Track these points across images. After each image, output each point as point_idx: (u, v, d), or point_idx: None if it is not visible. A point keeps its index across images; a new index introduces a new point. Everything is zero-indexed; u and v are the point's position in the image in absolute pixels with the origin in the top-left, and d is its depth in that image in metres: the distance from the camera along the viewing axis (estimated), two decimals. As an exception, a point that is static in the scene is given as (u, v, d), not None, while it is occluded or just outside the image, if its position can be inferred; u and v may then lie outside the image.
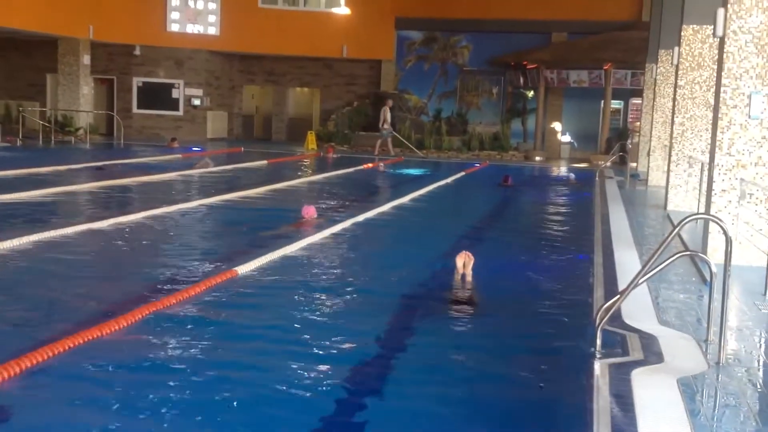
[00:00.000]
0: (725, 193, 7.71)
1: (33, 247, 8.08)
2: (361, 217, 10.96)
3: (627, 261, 7.98)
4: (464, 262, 7.60)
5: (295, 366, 4.84)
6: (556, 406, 4.53)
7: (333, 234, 9.61)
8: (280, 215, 11.12)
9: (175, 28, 27.40)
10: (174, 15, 27.35)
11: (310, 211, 10.62)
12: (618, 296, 5.09)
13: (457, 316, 6.34)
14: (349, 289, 6.99)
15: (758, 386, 4.48)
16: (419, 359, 5.28)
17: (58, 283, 6.90)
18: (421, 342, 5.68)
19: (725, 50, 7.57)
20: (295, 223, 10.39)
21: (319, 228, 9.83)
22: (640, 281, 5.03)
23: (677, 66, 12.75)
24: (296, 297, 6.57)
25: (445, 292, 7.15)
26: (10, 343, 4.97)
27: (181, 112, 28.14)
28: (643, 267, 5.05)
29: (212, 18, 27.63)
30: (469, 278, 7.43)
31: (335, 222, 10.41)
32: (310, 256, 8.29)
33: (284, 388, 4.52)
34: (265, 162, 20.09)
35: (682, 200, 12.61)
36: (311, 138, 25.96)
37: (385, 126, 24.87)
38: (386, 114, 24.83)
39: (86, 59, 26.09)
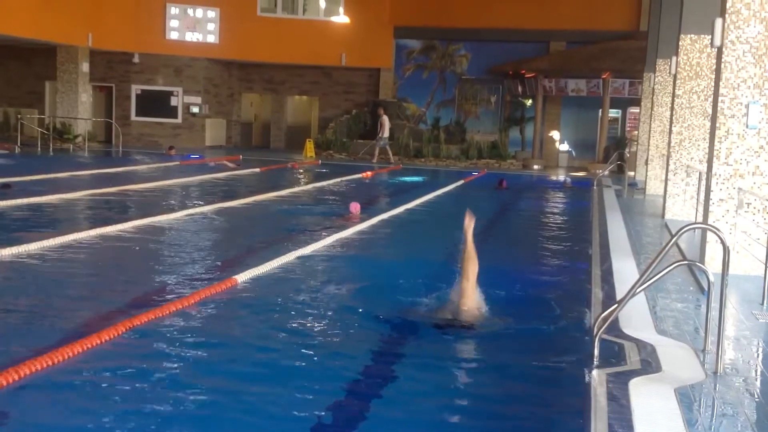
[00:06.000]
0: (723, 203, 7.72)
1: (44, 252, 8.12)
2: (359, 228, 10.96)
3: (625, 270, 7.97)
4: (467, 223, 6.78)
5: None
6: (554, 415, 4.52)
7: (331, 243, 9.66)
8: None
9: (174, 36, 27.43)
10: (173, 23, 27.39)
11: (356, 207, 11.85)
12: (616, 305, 5.08)
13: (452, 324, 6.31)
14: (339, 299, 6.99)
15: (756, 396, 4.47)
16: (419, 370, 5.26)
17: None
18: (419, 351, 5.66)
19: (723, 60, 7.59)
20: (343, 217, 11.66)
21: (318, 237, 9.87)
22: (638, 290, 5.02)
23: (675, 75, 12.78)
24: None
25: (440, 301, 7.14)
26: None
27: (179, 120, 28.15)
28: (641, 276, 5.04)
29: (211, 26, 27.68)
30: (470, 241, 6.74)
31: (338, 230, 10.45)
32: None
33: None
34: (257, 170, 20.11)
35: (680, 209, 12.62)
36: (309, 146, 25.99)
37: (386, 134, 24.98)
38: (385, 122, 24.95)
39: (85, 67, 26.13)
